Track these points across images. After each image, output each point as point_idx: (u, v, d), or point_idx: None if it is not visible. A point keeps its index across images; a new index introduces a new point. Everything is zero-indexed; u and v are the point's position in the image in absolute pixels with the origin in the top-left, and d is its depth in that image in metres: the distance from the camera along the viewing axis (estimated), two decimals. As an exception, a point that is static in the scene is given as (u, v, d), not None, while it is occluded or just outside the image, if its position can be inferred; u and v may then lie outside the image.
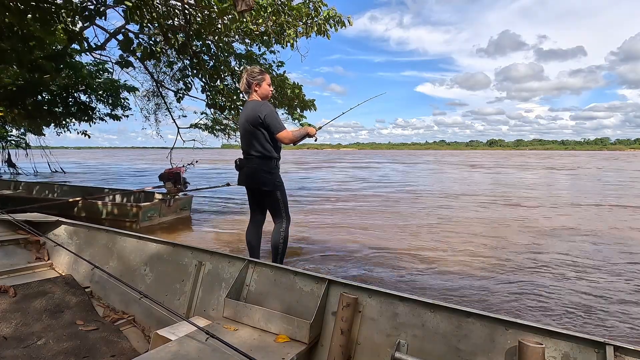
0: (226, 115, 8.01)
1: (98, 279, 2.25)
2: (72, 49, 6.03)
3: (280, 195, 2.88)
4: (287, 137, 2.80)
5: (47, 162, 18.29)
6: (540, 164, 31.46)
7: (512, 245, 4.82)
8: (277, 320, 1.63)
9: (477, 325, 1.39)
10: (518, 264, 4.00)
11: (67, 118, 8.87)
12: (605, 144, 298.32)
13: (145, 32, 5.88)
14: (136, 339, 1.87)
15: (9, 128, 14.26)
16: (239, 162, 2.93)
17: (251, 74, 2.88)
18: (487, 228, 5.86)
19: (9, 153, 17.42)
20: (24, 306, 1.92)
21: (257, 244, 3.06)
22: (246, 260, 1.92)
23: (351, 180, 15.65)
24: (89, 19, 4.40)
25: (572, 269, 3.86)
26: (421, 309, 1.50)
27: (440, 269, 3.79)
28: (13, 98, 6.61)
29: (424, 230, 5.64)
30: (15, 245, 2.48)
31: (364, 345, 1.55)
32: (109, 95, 8.77)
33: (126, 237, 2.33)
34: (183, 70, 7.22)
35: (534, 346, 1.19)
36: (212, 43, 6.41)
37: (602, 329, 2.56)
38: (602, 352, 1.19)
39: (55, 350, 1.64)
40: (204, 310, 1.92)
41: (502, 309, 2.84)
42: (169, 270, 2.10)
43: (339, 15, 5.76)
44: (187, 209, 6.69)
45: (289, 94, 6.88)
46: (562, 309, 2.88)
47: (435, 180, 15.64)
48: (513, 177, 17.32)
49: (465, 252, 4.47)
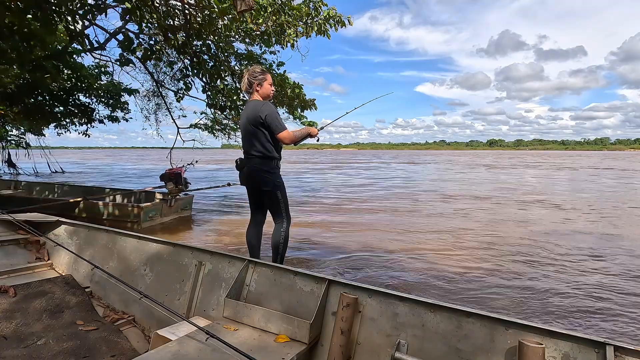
0: (226, 115, 8.01)
1: (98, 279, 2.25)
2: (72, 49, 6.03)
3: (280, 195, 2.88)
4: (288, 137, 2.80)
5: (47, 162, 18.32)
6: (550, 163, 30.89)
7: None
8: (277, 320, 1.63)
9: (477, 325, 1.39)
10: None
11: (68, 119, 8.88)
12: (605, 144, 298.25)
13: (145, 32, 5.88)
14: (136, 339, 1.87)
15: (9, 128, 14.27)
16: (239, 161, 2.93)
17: (252, 73, 2.88)
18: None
19: (9, 153, 17.42)
20: (24, 306, 1.92)
21: (258, 243, 3.05)
22: (246, 260, 1.92)
23: (383, 182, 14.42)
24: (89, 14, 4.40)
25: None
26: (421, 309, 1.50)
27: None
28: (14, 98, 6.61)
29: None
30: (16, 245, 2.49)
31: (364, 345, 1.55)
32: (110, 97, 8.78)
33: (126, 237, 2.33)
34: (183, 70, 7.22)
35: (534, 346, 1.19)
36: (212, 43, 6.41)
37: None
38: (602, 352, 1.18)
39: (55, 350, 1.64)
40: (204, 310, 1.92)
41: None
42: (169, 270, 2.10)
43: (339, 15, 5.77)
44: (188, 209, 6.69)
45: (289, 94, 6.88)
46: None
47: (467, 182, 14.41)
48: (540, 177, 16.64)
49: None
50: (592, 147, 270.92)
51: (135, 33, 5.80)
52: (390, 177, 17.37)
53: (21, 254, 2.44)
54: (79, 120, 8.76)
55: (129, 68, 7.40)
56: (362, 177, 17.15)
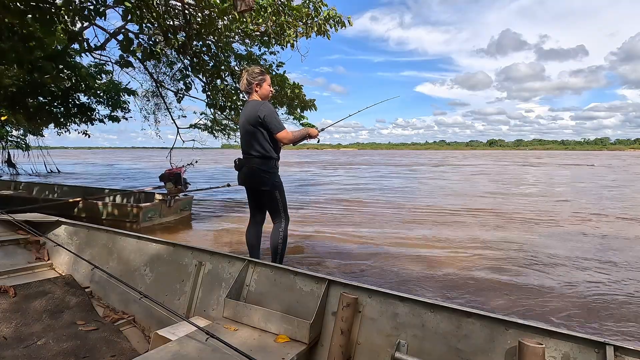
0: (226, 115, 8.01)
1: (98, 279, 2.25)
2: (72, 49, 6.03)
3: (279, 195, 2.88)
4: (286, 137, 2.80)
5: (44, 162, 18.45)
6: (558, 163, 28.96)
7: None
8: (277, 320, 1.63)
9: (477, 326, 1.39)
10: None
11: (67, 119, 8.87)
12: (605, 144, 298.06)
13: (145, 32, 5.88)
14: (136, 339, 1.87)
15: (9, 129, 14.28)
16: (238, 162, 2.93)
17: (252, 73, 2.88)
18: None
19: (9, 153, 17.44)
20: (24, 306, 1.92)
21: (257, 244, 3.06)
22: (246, 260, 1.92)
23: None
24: (88, 18, 4.40)
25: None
26: (421, 309, 1.50)
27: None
28: (14, 99, 6.61)
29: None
30: (15, 245, 2.48)
31: (364, 345, 1.55)
32: (109, 97, 8.77)
33: (126, 237, 2.33)
34: (183, 71, 7.22)
35: (534, 346, 1.19)
36: (212, 43, 6.41)
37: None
38: (602, 352, 1.19)
39: (55, 350, 1.64)
40: (204, 311, 1.92)
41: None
42: (169, 270, 2.10)
43: (339, 16, 5.77)
44: (188, 210, 6.68)
45: (289, 94, 6.88)
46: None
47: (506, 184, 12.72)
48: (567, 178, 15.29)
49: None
50: (592, 147, 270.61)
51: (135, 33, 5.80)
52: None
53: (21, 254, 2.44)
54: (79, 119, 8.74)
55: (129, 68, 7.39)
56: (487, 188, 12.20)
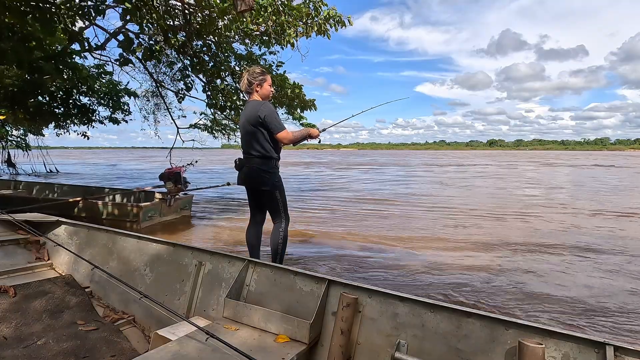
0: (226, 115, 8.01)
1: (98, 279, 2.25)
2: (72, 50, 6.04)
3: (279, 195, 2.88)
4: (286, 137, 2.80)
5: (43, 162, 18.52)
6: (563, 163, 28.65)
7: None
8: (277, 320, 1.63)
9: (477, 326, 1.39)
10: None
11: (67, 119, 8.87)
12: (605, 144, 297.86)
13: (145, 32, 5.88)
14: (136, 339, 1.87)
15: (9, 129, 14.28)
16: (238, 161, 2.93)
17: (252, 74, 2.88)
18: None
19: (9, 153, 17.45)
20: (24, 306, 1.92)
21: (257, 243, 3.06)
22: (246, 260, 1.92)
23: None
24: (88, 17, 4.41)
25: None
26: (421, 309, 1.50)
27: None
28: (14, 99, 6.61)
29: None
30: (15, 245, 2.48)
31: (364, 345, 1.55)
32: (110, 98, 8.77)
33: (126, 237, 2.33)
34: (183, 71, 7.21)
35: (534, 346, 1.19)
36: (212, 43, 6.41)
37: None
38: (602, 352, 1.19)
39: (55, 350, 1.64)
40: (204, 310, 1.92)
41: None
42: (169, 270, 2.10)
43: (339, 15, 5.77)
44: (188, 209, 6.68)
45: (289, 94, 6.88)
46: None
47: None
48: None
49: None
50: (592, 147, 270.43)
51: (135, 33, 5.80)
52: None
53: (21, 254, 2.43)
54: (79, 120, 8.74)
55: (129, 68, 7.40)
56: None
